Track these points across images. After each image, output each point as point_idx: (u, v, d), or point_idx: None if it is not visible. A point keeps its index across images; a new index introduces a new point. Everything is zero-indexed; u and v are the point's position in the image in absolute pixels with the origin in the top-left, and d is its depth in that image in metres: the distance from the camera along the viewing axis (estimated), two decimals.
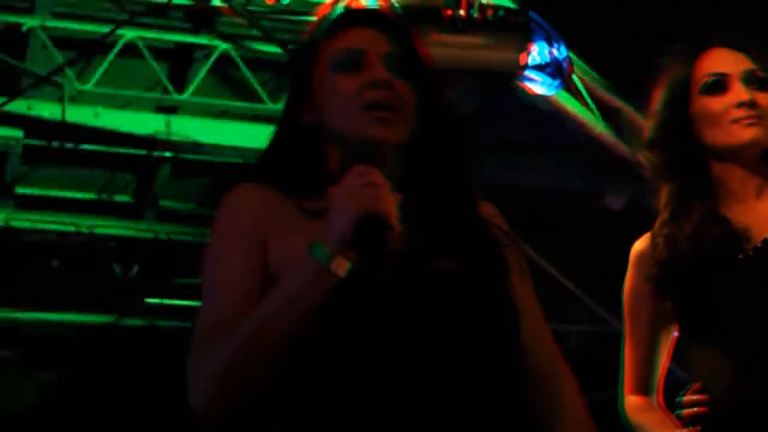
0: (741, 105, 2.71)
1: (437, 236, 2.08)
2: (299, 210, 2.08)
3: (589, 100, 4.94)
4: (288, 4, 4.93)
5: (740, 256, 2.69)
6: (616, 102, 5.01)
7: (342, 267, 1.92)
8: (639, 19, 4.84)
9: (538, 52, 4.59)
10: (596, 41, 4.89)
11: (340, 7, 2.25)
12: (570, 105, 4.92)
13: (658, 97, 2.82)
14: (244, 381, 1.93)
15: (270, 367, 1.94)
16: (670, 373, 2.90)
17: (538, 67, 4.60)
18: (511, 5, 4.64)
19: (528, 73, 4.60)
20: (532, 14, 4.62)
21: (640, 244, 2.83)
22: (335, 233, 1.92)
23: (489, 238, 2.14)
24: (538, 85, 4.68)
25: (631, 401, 2.85)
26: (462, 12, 4.49)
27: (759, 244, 2.69)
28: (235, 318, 1.96)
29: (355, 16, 2.21)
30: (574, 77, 4.83)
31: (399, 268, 1.98)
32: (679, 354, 2.89)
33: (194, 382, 1.96)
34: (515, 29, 4.57)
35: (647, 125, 2.85)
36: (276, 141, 2.19)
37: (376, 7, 2.22)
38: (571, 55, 4.76)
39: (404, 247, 1.99)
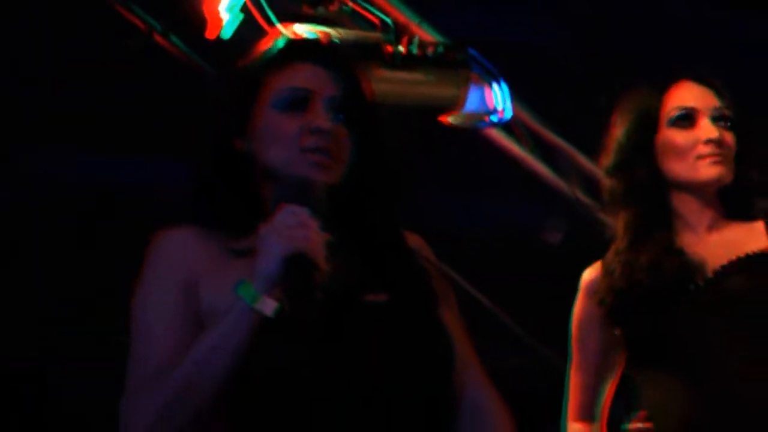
0: (709, 142, 2.74)
1: (367, 271, 2.10)
2: (229, 251, 2.09)
3: (527, 136, 4.97)
4: None
5: (691, 287, 2.72)
6: (555, 139, 5.04)
7: (269, 306, 1.94)
8: (578, 58, 4.89)
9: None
10: (535, 79, 4.93)
11: (284, 39, 2.24)
12: (508, 140, 4.95)
13: (622, 124, 2.84)
14: (183, 416, 1.95)
15: (208, 401, 1.96)
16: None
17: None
18: (449, 42, 4.67)
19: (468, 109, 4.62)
20: (472, 51, 4.65)
21: (590, 273, 2.85)
22: (262, 272, 1.94)
23: (418, 269, 2.16)
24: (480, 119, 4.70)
25: (575, 429, 2.87)
26: (402, 48, 4.51)
27: (710, 276, 2.72)
28: (173, 363, 1.98)
29: (301, 51, 2.21)
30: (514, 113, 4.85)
31: (329, 303, 2.00)
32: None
33: (134, 427, 1.98)
34: (454, 65, 4.60)
35: (607, 150, 2.87)
36: (206, 169, 2.18)
37: (322, 42, 2.21)
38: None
39: (334, 283, 2.00)
